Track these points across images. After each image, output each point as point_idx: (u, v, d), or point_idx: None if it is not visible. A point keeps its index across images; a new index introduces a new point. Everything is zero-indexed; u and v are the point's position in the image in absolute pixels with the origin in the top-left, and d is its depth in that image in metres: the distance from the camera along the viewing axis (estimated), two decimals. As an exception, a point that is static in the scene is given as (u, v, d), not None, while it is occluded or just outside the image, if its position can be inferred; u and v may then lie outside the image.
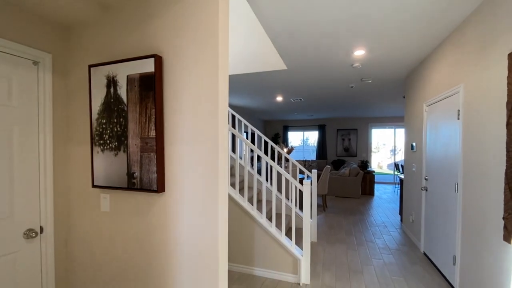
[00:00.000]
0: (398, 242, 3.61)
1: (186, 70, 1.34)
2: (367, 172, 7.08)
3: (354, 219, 4.72)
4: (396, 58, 3.27)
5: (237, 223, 2.75)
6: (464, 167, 2.22)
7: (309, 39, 2.74)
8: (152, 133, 1.37)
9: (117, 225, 1.53)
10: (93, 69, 1.50)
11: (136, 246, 1.48)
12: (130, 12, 1.45)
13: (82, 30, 1.59)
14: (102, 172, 1.51)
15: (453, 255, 2.40)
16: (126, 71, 1.42)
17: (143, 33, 1.42)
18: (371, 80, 4.30)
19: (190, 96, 1.33)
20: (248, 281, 2.56)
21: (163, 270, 1.42)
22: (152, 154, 1.37)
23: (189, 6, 1.32)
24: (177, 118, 1.37)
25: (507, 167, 1.64)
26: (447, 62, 2.60)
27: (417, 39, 2.70)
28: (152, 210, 1.44)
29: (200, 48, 1.30)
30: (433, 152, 2.97)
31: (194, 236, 1.35)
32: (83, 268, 1.63)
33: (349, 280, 2.56)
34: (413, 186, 3.68)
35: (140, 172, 1.41)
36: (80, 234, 1.63)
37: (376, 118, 9.42)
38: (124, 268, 1.51)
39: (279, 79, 4.32)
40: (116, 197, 1.52)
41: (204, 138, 1.31)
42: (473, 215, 2.08)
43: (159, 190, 1.37)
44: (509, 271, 1.61)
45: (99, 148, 1.51)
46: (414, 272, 2.75)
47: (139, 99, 1.39)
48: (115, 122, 1.46)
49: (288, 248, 2.55)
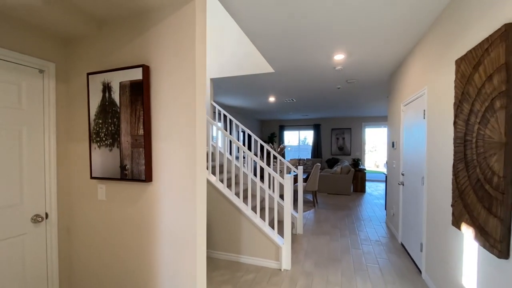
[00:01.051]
0: (379, 234, 3.83)
1: (169, 78, 1.57)
2: (358, 170, 7.30)
3: (342, 214, 4.95)
4: (374, 61, 3.50)
5: (225, 215, 2.99)
6: (428, 162, 2.45)
7: (290, 44, 2.97)
8: (141, 132, 1.61)
9: (112, 211, 1.77)
10: (91, 77, 1.74)
11: (129, 230, 1.72)
12: (123, 29, 1.68)
13: (81, 43, 1.83)
14: (99, 165, 1.75)
15: (420, 243, 2.63)
16: (119, 79, 1.66)
17: (133, 46, 1.66)
18: (356, 81, 4.53)
19: (172, 99, 1.57)
20: (234, 267, 2.80)
21: (152, 248, 1.66)
22: (141, 149, 1.61)
23: (171, 25, 1.55)
24: (162, 118, 1.60)
25: (454, 160, 1.87)
26: (418, 66, 2.82)
27: (390, 45, 2.93)
28: (142, 197, 1.68)
29: (180, 60, 1.54)
30: (408, 149, 3.19)
31: (176, 217, 1.58)
32: (83, 250, 1.87)
33: (327, 267, 2.79)
34: (393, 181, 3.91)
35: (131, 165, 1.65)
36: (81, 218, 1.87)
37: (370, 118, 9.64)
38: (118, 250, 1.75)
39: (269, 81, 4.56)
40: (111, 187, 1.76)
41: (184, 136, 1.55)
42: (433, 205, 2.31)
43: (147, 180, 1.61)
44: (459, 252, 1.84)
45: (96, 144, 1.75)
46: (389, 259, 2.98)
47: (129, 102, 1.63)
48: (110, 122, 1.70)
49: (271, 237, 2.78)
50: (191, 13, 1.51)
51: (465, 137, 1.71)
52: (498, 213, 1.34)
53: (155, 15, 1.60)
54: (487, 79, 1.46)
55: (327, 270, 2.72)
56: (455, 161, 1.85)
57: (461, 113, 1.76)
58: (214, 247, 3.06)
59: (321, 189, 7.04)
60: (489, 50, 1.43)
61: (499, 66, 1.35)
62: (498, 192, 1.35)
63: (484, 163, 1.49)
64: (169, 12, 1.56)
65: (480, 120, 1.53)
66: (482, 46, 1.50)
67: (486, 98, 1.47)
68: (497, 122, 1.36)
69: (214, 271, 2.71)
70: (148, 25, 1.61)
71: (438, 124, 2.23)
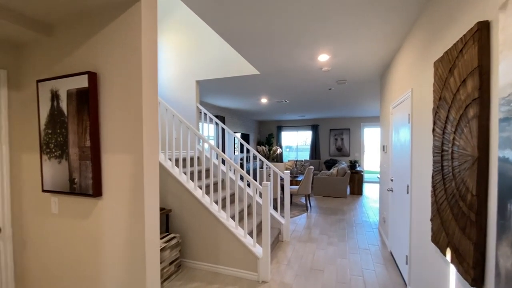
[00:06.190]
0: (369, 242, 3.68)
1: (116, 85, 1.46)
2: (355, 172, 7.12)
3: (334, 219, 4.80)
4: (361, 62, 3.34)
5: (202, 223, 2.87)
6: (413, 170, 2.29)
7: (270, 47, 2.84)
8: (88, 143, 1.50)
9: (65, 226, 1.67)
10: (40, 84, 1.64)
11: (82, 246, 1.62)
12: (71, 34, 1.58)
13: (33, 49, 1.73)
14: (50, 178, 1.65)
15: (406, 255, 2.48)
16: (66, 86, 1.55)
17: (81, 52, 1.55)
18: (346, 82, 4.36)
19: (119, 108, 1.46)
20: (211, 278, 2.68)
21: (104, 266, 1.55)
22: (88, 162, 1.50)
23: (118, 28, 1.44)
24: (111, 129, 1.49)
25: (433, 171, 1.72)
26: (404, 67, 2.66)
27: (374, 45, 2.77)
28: (92, 212, 1.57)
29: (126, 65, 1.42)
30: (396, 154, 3.03)
31: (124, 234, 1.47)
32: (38, 265, 1.77)
33: (307, 279, 2.66)
34: (385, 186, 3.75)
35: (79, 178, 1.54)
36: (35, 232, 1.77)
37: (369, 118, 9.43)
38: (73, 266, 1.65)
39: (257, 82, 4.42)
40: (62, 201, 1.66)
41: (132, 147, 1.43)
42: (416, 217, 2.16)
43: (94, 194, 1.50)
44: (438, 273, 1.68)
45: (46, 156, 1.65)
46: (375, 271, 2.83)
47: (76, 112, 1.52)
48: (58, 133, 1.59)
49: (249, 248, 2.66)
50: (137, 14, 1.39)
51: (442, 147, 1.56)
52: (471, 235, 1.20)
53: (101, 18, 1.48)
54: (461, 84, 1.31)
55: (306, 282, 2.58)
56: (434, 172, 1.70)
57: (439, 120, 1.61)
58: (192, 257, 2.95)
59: (316, 192, 6.89)
60: (463, 52, 1.28)
61: (472, 69, 1.20)
62: (471, 212, 1.20)
63: (459, 177, 1.34)
64: (115, 15, 1.44)
65: (455, 129, 1.38)
66: (457, 47, 1.35)
67: (461, 105, 1.32)
68: (470, 132, 1.21)
69: (188, 283, 2.60)
70: (95, 29, 1.50)
71: (420, 130, 2.07)
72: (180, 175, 3.04)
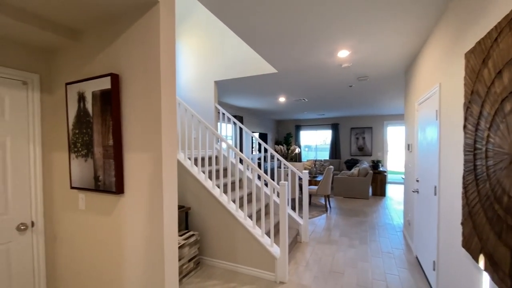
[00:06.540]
0: (393, 245, 3.51)
1: (137, 86, 1.51)
2: (378, 172, 6.85)
3: (355, 221, 4.64)
4: (384, 57, 3.19)
5: (221, 222, 2.90)
6: (441, 170, 2.15)
7: (288, 45, 2.80)
8: (111, 142, 1.56)
9: (91, 221, 1.75)
10: (69, 87, 1.74)
11: (105, 238, 1.69)
12: (96, 38, 1.65)
13: (62, 53, 1.84)
14: (77, 175, 1.74)
15: (433, 260, 2.33)
16: (91, 88, 1.63)
17: (105, 55, 1.62)
18: (368, 79, 4.20)
19: (140, 108, 1.50)
20: (229, 276, 2.70)
21: (124, 259, 1.61)
22: (111, 160, 1.57)
23: (138, 31, 1.49)
24: (132, 128, 1.54)
25: (464, 171, 1.60)
26: (431, 60, 2.51)
27: (398, 39, 2.64)
28: (115, 209, 1.64)
29: (145, 66, 1.46)
30: (422, 153, 2.87)
31: (146, 231, 1.52)
32: (67, 257, 1.88)
33: (326, 281, 2.59)
34: (410, 187, 3.56)
35: (104, 176, 1.61)
36: (64, 227, 1.88)
37: (392, 116, 9.03)
38: (97, 257, 1.73)
39: (274, 81, 4.39)
40: (88, 197, 1.75)
41: (152, 146, 1.47)
42: (445, 220, 2.02)
43: (117, 191, 1.56)
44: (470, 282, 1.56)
45: (74, 155, 1.75)
46: (399, 275, 2.69)
47: (100, 112, 1.59)
48: (84, 132, 1.68)
49: (267, 247, 2.64)
50: (155, 17, 1.43)
51: (475, 145, 1.44)
52: (508, 241, 1.09)
53: (122, 22, 1.54)
54: (496, 76, 1.20)
55: (326, 285, 2.52)
56: (465, 172, 1.58)
57: (471, 116, 1.49)
58: (210, 254, 2.99)
59: (336, 192, 6.71)
60: (498, 41, 1.17)
61: (508, 59, 1.09)
62: (508, 216, 1.10)
63: (494, 177, 1.23)
64: (135, 18, 1.49)
65: (490, 126, 1.27)
66: (491, 36, 1.24)
67: (496, 99, 1.21)
68: (507, 129, 1.11)
69: (207, 280, 2.63)
70: (117, 33, 1.56)
71: (449, 127, 1.94)
72: (198, 174, 3.09)
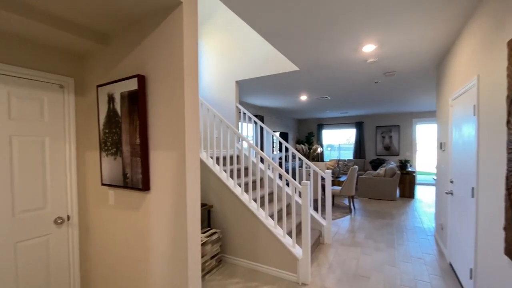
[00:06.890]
0: (424, 250, 3.30)
1: (161, 86, 1.55)
2: (406, 172, 6.49)
3: (381, 223, 4.44)
4: (414, 50, 3.01)
5: (242, 221, 2.92)
6: (479, 170, 1.98)
7: (309, 41, 2.74)
8: (138, 141, 1.63)
9: (120, 216, 1.84)
10: (100, 89, 1.84)
11: (132, 233, 1.77)
12: (124, 42, 1.73)
13: (92, 57, 1.95)
14: (107, 173, 1.84)
15: (470, 268, 2.16)
16: (120, 89, 1.71)
17: (132, 57, 1.69)
18: (396, 74, 3.99)
19: (164, 108, 1.55)
20: (250, 275, 2.70)
21: (150, 253, 1.67)
22: (138, 158, 1.63)
23: (162, 32, 1.53)
24: (158, 127, 1.60)
25: (507, 171, 1.45)
26: (467, 52, 2.32)
27: (429, 31, 2.47)
28: (141, 205, 1.70)
29: (169, 67, 1.50)
30: (457, 152, 2.66)
31: (170, 227, 1.56)
32: (97, 248, 1.99)
33: (351, 285, 2.50)
34: (442, 189, 3.33)
35: (131, 173, 1.69)
36: (96, 221, 2.00)
37: (421, 113, 8.51)
38: (125, 250, 1.82)
39: (296, 79, 4.32)
40: (117, 194, 1.84)
41: (175, 145, 1.51)
42: (484, 224, 1.85)
43: (144, 188, 1.63)
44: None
45: (104, 153, 1.84)
46: (431, 283, 2.53)
47: (128, 112, 1.67)
48: (114, 132, 1.76)
49: (289, 248, 2.61)
50: (179, 18, 1.46)
51: (521, 142, 1.30)
52: None
53: (148, 24, 1.60)
54: (548, 65, 1.07)
55: (351, 289, 2.43)
56: (508, 172, 1.44)
57: (516, 110, 1.35)
58: (232, 253, 3.02)
59: (361, 193, 6.47)
60: (550, 25, 1.05)
61: None
62: None
63: (544, 178, 1.10)
64: (159, 20, 1.54)
65: (539, 120, 1.14)
66: (541, 21, 1.11)
67: (548, 91, 1.08)
68: (562, 123, 0.98)
69: (228, 278, 2.66)
70: (143, 35, 1.62)
71: (490, 123, 1.78)
72: (220, 172, 3.13)
